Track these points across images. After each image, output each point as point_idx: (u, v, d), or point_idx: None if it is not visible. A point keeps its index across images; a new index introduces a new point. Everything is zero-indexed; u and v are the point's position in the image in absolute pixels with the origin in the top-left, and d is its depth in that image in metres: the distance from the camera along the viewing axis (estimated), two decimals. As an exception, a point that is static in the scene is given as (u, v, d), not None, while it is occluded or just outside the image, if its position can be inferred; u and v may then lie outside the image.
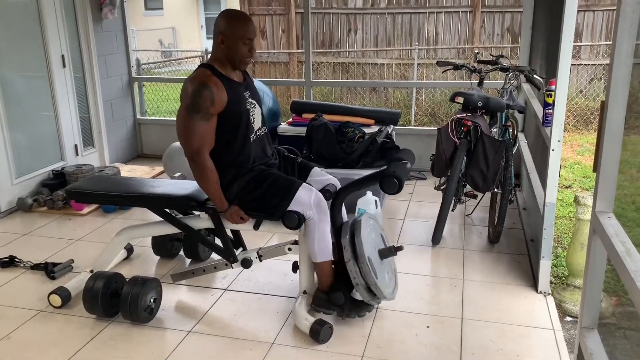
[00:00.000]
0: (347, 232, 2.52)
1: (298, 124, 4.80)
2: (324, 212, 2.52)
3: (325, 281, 2.62)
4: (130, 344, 2.52)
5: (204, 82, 2.41)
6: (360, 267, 2.46)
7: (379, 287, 2.48)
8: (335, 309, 2.60)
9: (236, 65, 2.54)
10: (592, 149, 6.43)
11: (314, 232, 2.52)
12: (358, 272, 2.47)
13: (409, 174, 2.55)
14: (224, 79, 2.48)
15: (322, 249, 2.55)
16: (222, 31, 2.47)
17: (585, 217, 2.90)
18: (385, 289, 2.54)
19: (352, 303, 2.60)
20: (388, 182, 2.39)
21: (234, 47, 2.47)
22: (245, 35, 2.47)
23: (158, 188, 2.82)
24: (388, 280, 2.63)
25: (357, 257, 2.47)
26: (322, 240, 2.54)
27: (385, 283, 2.57)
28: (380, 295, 2.53)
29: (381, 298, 2.57)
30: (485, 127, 3.41)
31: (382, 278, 2.55)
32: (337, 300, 2.56)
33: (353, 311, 2.62)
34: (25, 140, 4.36)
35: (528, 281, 3.05)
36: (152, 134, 5.75)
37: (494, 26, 9.05)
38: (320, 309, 2.62)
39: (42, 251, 3.48)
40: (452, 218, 3.85)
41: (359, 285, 2.49)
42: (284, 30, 9.92)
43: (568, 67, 2.62)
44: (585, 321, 1.82)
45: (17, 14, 4.22)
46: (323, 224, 2.53)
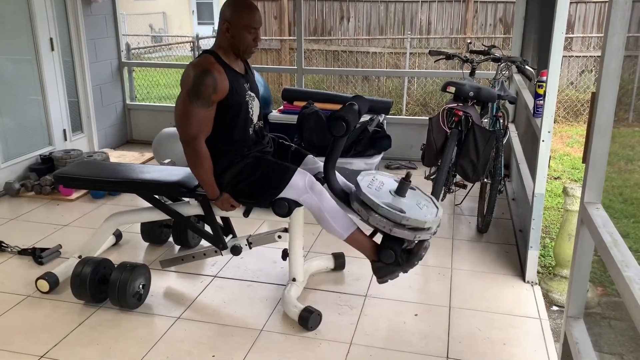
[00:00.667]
0: (353, 198, 2.47)
1: (289, 111, 4.79)
2: (320, 191, 2.50)
3: (368, 249, 2.54)
4: (118, 330, 2.51)
5: (208, 68, 2.39)
6: (382, 214, 2.36)
7: (411, 218, 2.37)
8: (396, 269, 2.49)
9: (240, 54, 2.52)
10: (582, 140, 6.47)
11: (324, 214, 2.48)
12: (382, 219, 2.37)
13: (357, 116, 2.49)
14: (227, 68, 2.46)
15: (342, 223, 2.50)
16: (227, 19, 2.44)
17: (574, 208, 2.93)
18: (421, 216, 2.42)
19: (406, 253, 2.50)
20: (336, 125, 2.38)
21: (239, 35, 2.45)
22: (251, 24, 2.45)
23: (147, 174, 2.80)
24: (425, 208, 2.52)
25: (373, 209, 2.38)
26: (336, 217, 2.50)
27: (420, 212, 2.46)
28: (421, 223, 2.40)
29: (425, 226, 2.43)
30: (476, 117, 3.42)
31: (413, 210, 2.44)
32: (389, 259, 2.45)
33: (412, 257, 2.49)
34: (12, 124, 4.31)
35: (516, 271, 3.08)
36: (142, 119, 5.71)
37: (486, 16, 9.05)
38: (385, 278, 2.51)
39: (30, 236, 3.45)
40: (442, 207, 3.86)
41: (393, 229, 2.37)
42: (276, 17, 9.84)
43: (560, 58, 2.63)
44: (572, 310, 1.84)
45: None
46: (326, 201, 2.49)
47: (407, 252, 2.49)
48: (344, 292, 2.85)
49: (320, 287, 2.89)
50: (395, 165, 4.92)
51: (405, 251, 2.49)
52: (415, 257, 2.49)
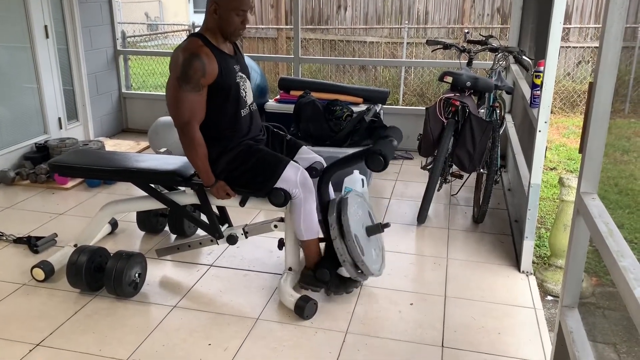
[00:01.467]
0: (334, 210, 2.52)
1: (286, 101, 4.77)
2: (309, 190, 2.52)
3: (312, 259, 2.64)
4: (114, 318, 2.51)
5: (195, 52, 2.37)
6: (347, 244, 2.47)
7: (365, 264, 2.49)
8: (322, 285, 2.61)
9: (228, 36, 2.50)
10: (578, 131, 6.48)
11: (300, 211, 2.52)
12: (345, 249, 2.48)
13: (395, 151, 2.55)
14: (215, 50, 2.44)
15: (308, 227, 2.56)
16: (216, 0, 2.42)
17: (569, 199, 2.93)
18: (372, 265, 2.55)
19: (338, 280, 2.61)
20: (374, 160, 2.39)
21: (227, 17, 2.42)
22: (240, 7, 2.42)
23: (143, 163, 2.79)
24: (375, 256, 2.65)
25: (344, 235, 2.47)
26: (308, 219, 2.54)
27: (372, 259, 2.59)
28: (367, 271, 2.54)
29: (368, 275, 2.59)
30: (473, 108, 3.41)
31: (369, 255, 2.56)
32: (323, 277, 2.57)
33: (340, 288, 2.63)
34: (7, 112, 4.28)
35: (511, 261, 3.09)
36: (138, 108, 5.68)
37: (484, 6, 9.00)
38: (307, 287, 2.63)
39: (25, 225, 3.44)
40: (438, 198, 3.87)
41: (345, 262, 2.50)
42: (273, 5, 9.77)
43: (557, 49, 2.62)
44: (566, 300, 1.85)
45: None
46: (309, 202, 2.53)
47: (339, 278, 2.62)
48: (339, 282, 2.85)
49: (316, 277, 2.89)
50: (391, 155, 4.91)
51: (338, 276, 2.61)
52: (344, 288, 2.64)
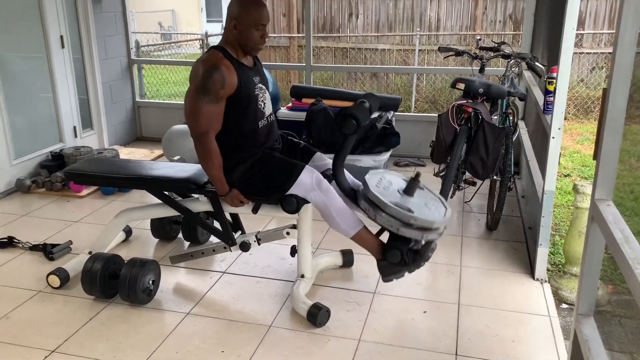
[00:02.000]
0: (360, 197, 2.45)
1: (298, 108, 4.79)
2: (327, 189, 2.49)
3: (374, 248, 2.53)
4: (128, 325, 2.53)
5: (216, 64, 2.40)
6: (389, 212, 2.34)
7: (419, 218, 2.34)
8: (402, 268, 2.48)
9: (247, 51, 2.53)
10: (592, 138, 6.43)
11: (330, 211, 2.48)
12: (390, 218, 2.34)
13: (368, 114, 2.47)
14: (235, 63, 2.47)
15: (347, 221, 2.50)
16: (235, 16, 2.45)
17: (584, 205, 2.91)
18: (430, 216, 2.41)
19: (413, 253, 2.47)
20: (346, 122, 2.37)
21: (246, 32, 2.45)
22: (259, 21, 2.45)
23: (157, 170, 2.81)
24: (433, 207, 2.50)
25: (381, 208, 2.36)
26: (342, 215, 2.49)
27: (429, 211, 2.44)
28: (428, 223, 2.38)
29: (433, 226, 2.41)
30: (485, 114, 3.40)
31: (422, 209, 2.42)
32: (395, 258, 2.44)
33: (418, 258, 2.46)
34: (23, 121, 4.35)
35: (525, 268, 3.06)
36: (152, 116, 5.73)
37: (496, 13, 8.99)
38: (391, 277, 2.50)
39: (41, 232, 3.48)
40: (451, 205, 3.84)
41: (400, 229, 2.35)
42: (285, 14, 9.84)
43: (570, 54, 2.61)
44: (582, 308, 1.83)
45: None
46: (333, 199, 2.49)
47: (414, 252, 2.47)
48: (352, 289, 2.85)
49: (329, 284, 2.89)
50: (404, 162, 4.91)
51: (411, 251, 2.47)
52: (422, 258, 2.47)
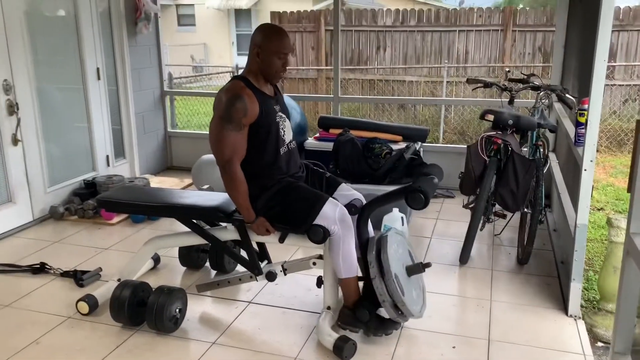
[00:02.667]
0: (373, 248, 2.49)
1: (325, 139, 4.82)
2: (348, 227, 2.51)
3: (351, 297, 2.60)
4: (154, 353, 2.53)
5: (238, 93, 2.46)
6: (387, 284, 2.43)
7: (406, 305, 2.44)
8: (361, 326, 2.56)
9: (269, 79, 2.59)
10: (626, 170, 6.29)
11: (339, 248, 2.51)
12: (384, 289, 2.43)
13: (436, 189, 2.52)
14: (257, 92, 2.52)
15: (347, 265, 2.53)
16: (258, 44, 2.52)
17: (619, 240, 2.83)
18: (412, 306, 2.49)
19: (378, 321, 2.57)
20: (414, 197, 2.36)
21: (268, 60, 2.51)
22: (281, 50, 2.51)
23: (186, 199, 2.85)
24: (416, 297, 2.59)
25: (384, 274, 2.43)
26: (347, 256, 2.53)
27: (413, 300, 2.53)
28: (408, 313, 2.48)
29: (408, 316, 2.53)
30: (515, 146, 3.37)
31: (410, 295, 2.51)
32: (362, 317, 2.52)
33: (379, 329, 2.58)
34: (59, 150, 4.48)
35: (558, 304, 2.97)
36: (182, 146, 5.84)
37: (525, 45, 8.99)
38: (345, 327, 2.59)
39: (72, 259, 3.54)
40: (481, 237, 3.79)
41: (385, 303, 2.45)
42: (314, 47, 10.02)
43: (602, 86, 2.58)
44: (618, 346, 1.76)
45: (56, 28, 4.36)
46: (348, 239, 2.51)
47: (379, 319, 2.57)
48: (379, 322, 2.80)
49: (355, 316, 2.85)
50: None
51: (377, 316, 2.57)
52: (383, 330, 2.59)
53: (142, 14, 5.06)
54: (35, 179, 4.19)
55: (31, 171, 4.15)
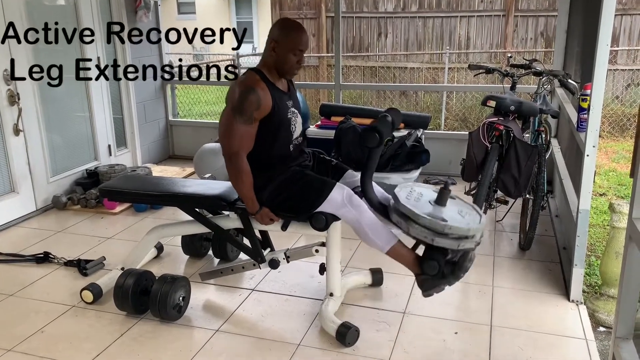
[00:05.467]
0: (391, 211, 2.44)
1: (327, 126, 4.81)
2: (358, 204, 2.49)
3: (410, 263, 2.50)
4: (158, 341, 2.55)
5: (252, 86, 2.45)
6: (422, 224, 2.31)
7: (454, 226, 2.30)
8: (440, 281, 2.43)
9: (283, 74, 2.58)
10: (628, 156, 6.27)
11: (362, 227, 2.47)
12: (424, 229, 2.31)
13: (391, 127, 2.49)
14: (271, 86, 2.52)
15: (381, 236, 2.48)
16: (275, 38, 2.51)
17: (621, 225, 2.83)
18: (465, 224, 2.36)
19: (451, 265, 2.43)
20: (369, 136, 2.41)
21: (284, 55, 2.50)
22: (297, 46, 2.50)
23: (189, 188, 2.86)
24: (465, 215, 2.46)
25: (413, 220, 2.33)
26: (375, 230, 2.47)
27: (461, 219, 2.40)
28: (464, 231, 2.33)
29: (469, 234, 2.36)
30: (517, 132, 3.36)
31: (454, 218, 2.39)
32: (432, 270, 2.40)
33: (456, 269, 2.40)
34: (60, 140, 4.48)
35: (560, 290, 2.98)
36: (184, 135, 5.84)
37: (527, 30, 8.93)
38: (431, 291, 2.46)
39: (75, 248, 3.56)
40: (485, 215, 3.78)
41: (435, 240, 2.31)
42: (314, 34, 9.96)
43: (604, 71, 2.56)
44: (620, 331, 1.77)
45: (56, 17, 4.34)
46: (365, 214, 2.48)
47: (452, 263, 2.43)
48: (381, 309, 2.82)
49: (358, 303, 2.87)
50: (434, 180, 4.87)
51: (449, 263, 2.42)
52: (461, 269, 2.41)
53: (141, 2, 5.03)
54: (37, 169, 4.20)
55: (33, 161, 4.16)
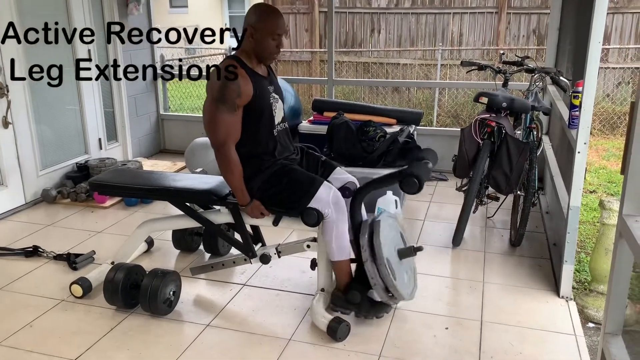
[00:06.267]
0: (365, 231, 2.50)
1: (319, 122, 4.80)
2: (341, 210, 2.51)
3: (343, 280, 2.61)
4: (148, 336, 2.54)
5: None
6: (379, 268, 2.43)
7: (397, 288, 2.44)
8: (352, 308, 2.58)
9: (263, 60, 2.56)
10: (618, 153, 6.32)
11: (332, 231, 2.51)
12: (376, 272, 2.44)
13: (430, 174, 2.52)
14: (250, 72, 2.50)
15: (340, 247, 2.54)
16: (252, 24, 2.48)
17: (611, 222, 2.85)
18: (403, 289, 2.50)
19: (369, 303, 2.58)
20: (408, 182, 2.36)
21: (262, 41, 2.48)
22: (275, 31, 2.48)
23: (180, 182, 2.84)
24: (407, 280, 2.60)
25: (376, 258, 2.44)
26: (339, 239, 2.53)
27: (404, 283, 2.54)
28: (399, 296, 2.49)
29: (399, 299, 2.54)
30: (509, 128, 3.37)
31: (401, 278, 2.52)
32: (354, 299, 2.54)
33: (371, 312, 2.59)
34: (50, 133, 4.43)
35: (550, 286, 3.00)
36: (175, 129, 5.80)
37: (519, 28, 8.94)
38: (337, 308, 2.60)
39: (65, 242, 3.53)
40: (474, 220, 3.80)
41: (376, 286, 2.46)
42: (307, 29, 9.92)
43: (596, 68, 2.57)
44: (609, 327, 1.78)
45: (45, 9, 4.29)
46: (341, 222, 2.51)
47: (371, 301, 2.58)
48: (373, 304, 2.82)
49: (349, 298, 2.87)
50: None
51: (368, 299, 2.57)
52: (374, 313, 2.60)
53: (133, -5, 4.98)
54: (26, 162, 4.16)
55: (23, 154, 4.11)
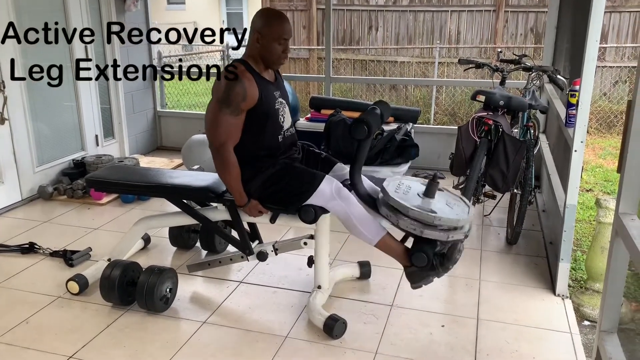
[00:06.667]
0: (380, 204, 2.45)
1: (316, 119, 4.80)
2: (346, 197, 2.48)
3: (399, 255, 2.50)
4: (145, 333, 2.54)
5: (238, 77, 2.42)
6: (412, 216, 2.32)
7: (443, 217, 2.31)
8: (431, 274, 2.44)
9: (269, 64, 2.55)
10: (615, 152, 6.33)
11: (352, 219, 2.46)
12: (414, 222, 2.32)
13: (379, 121, 2.51)
14: (257, 76, 2.49)
15: (370, 229, 2.48)
16: (258, 29, 2.48)
17: (607, 220, 2.86)
18: (453, 216, 2.38)
19: (440, 256, 2.43)
20: (357, 127, 2.42)
21: (268, 46, 2.48)
22: (281, 35, 2.48)
23: (176, 179, 2.84)
24: (454, 206, 2.48)
25: (402, 213, 2.34)
26: (364, 222, 2.47)
27: (451, 211, 2.42)
28: (453, 222, 2.35)
29: (458, 225, 2.38)
30: (506, 127, 3.37)
31: (443, 210, 2.40)
32: (421, 262, 2.39)
33: (447, 261, 2.40)
34: (47, 129, 4.42)
35: (546, 284, 3.01)
36: (172, 126, 5.79)
37: (517, 26, 8.94)
38: (419, 284, 2.46)
39: (61, 239, 3.52)
40: (472, 206, 3.80)
41: (424, 231, 2.32)
42: (305, 27, 9.91)
43: (593, 67, 2.58)
44: (605, 325, 1.79)
45: (42, 6, 4.27)
46: (353, 207, 2.47)
47: (441, 255, 2.43)
48: (369, 301, 2.82)
49: (346, 296, 2.87)
50: (422, 174, 4.88)
51: (438, 254, 2.43)
52: (450, 261, 2.42)
53: (130, -9, 4.97)
54: (23, 158, 4.15)
55: (19, 150, 4.10)
